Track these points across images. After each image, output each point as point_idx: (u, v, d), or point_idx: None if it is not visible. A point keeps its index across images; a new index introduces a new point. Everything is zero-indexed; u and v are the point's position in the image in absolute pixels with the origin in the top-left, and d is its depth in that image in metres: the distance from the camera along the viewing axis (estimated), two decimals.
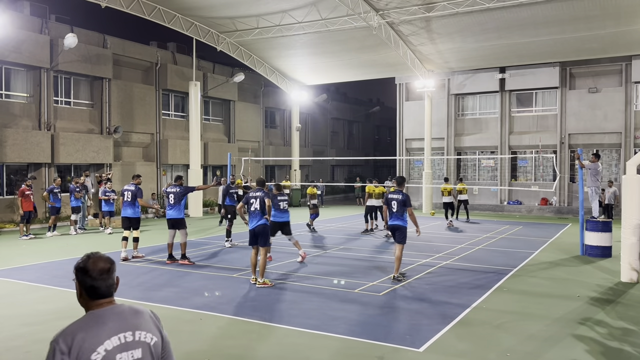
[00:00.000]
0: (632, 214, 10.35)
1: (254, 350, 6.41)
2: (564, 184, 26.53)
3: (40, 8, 21.95)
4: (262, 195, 9.75)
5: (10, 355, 6.21)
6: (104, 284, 2.49)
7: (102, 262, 2.52)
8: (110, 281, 2.51)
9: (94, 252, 2.61)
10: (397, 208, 10.23)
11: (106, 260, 2.55)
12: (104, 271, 2.49)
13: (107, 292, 2.50)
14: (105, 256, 2.58)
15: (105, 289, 2.49)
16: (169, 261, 11.95)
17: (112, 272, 2.54)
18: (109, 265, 2.54)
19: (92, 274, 2.48)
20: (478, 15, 20.59)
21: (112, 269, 2.54)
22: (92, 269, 2.49)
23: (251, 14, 22.54)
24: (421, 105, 28.56)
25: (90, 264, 2.51)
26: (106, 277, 2.49)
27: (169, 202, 12.16)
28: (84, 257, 2.56)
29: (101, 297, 2.49)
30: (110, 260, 2.58)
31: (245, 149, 30.00)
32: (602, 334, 7.01)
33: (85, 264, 2.51)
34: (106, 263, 2.54)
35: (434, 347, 6.47)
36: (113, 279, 2.54)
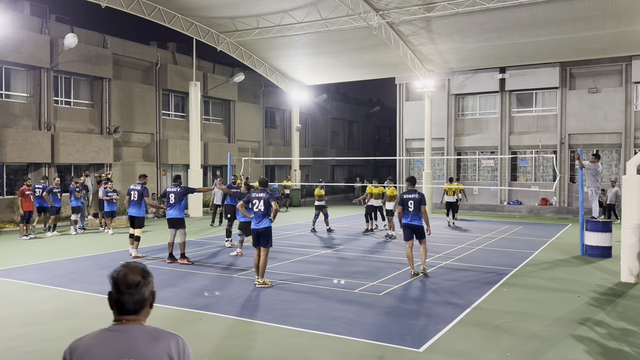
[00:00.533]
0: (632, 214, 10.35)
1: (254, 350, 6.41)
2: (564, 184, 26.54)
3: (40, 8, 21.95)
4: (266, 196, 9.70)
5: (10, 355, 6.21)
6: (130, 299, 2.26)
7: (132, 275, 2.28)
8: (137, 297, 2.27)
9: (130, 262, 2.37)
10: (414, 207, 10.60)
11: (138, 273, 2.30)
12: (131, 285, 2.26)
13: (132, 309, 2.27)
14: (140, 268, 2.33)
15: (130, 305, 2.27)
16: (169, 260, 11.96)
17: (142, 286, 2.28)
18: (139, 279, 2.28)
19: (119, 287, 2.27)
20: (478, 15, 20.60)
21: (142, 283, 2.28)
22: (120, 281, 2.27)
23: (251, 14, 22.55)
24: (421, 105, 28.57)
25: (120, 275, 2.29)
26: (134, 291, 2.26)
27: (168, 202, 12.17)
28: (119, 267, 2.34)
29: (126, 313, 2.28)
30: (145, 273, 2.32)
31: (245, 149, 30.00)
32: (602, 334, 7.01)
33: (117, 274, 2.30)
34: (136, 276, 2.28)
35: (434, 347, 6.47)
36: (143, 294, 2.28)
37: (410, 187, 10.86)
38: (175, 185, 12.38)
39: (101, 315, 7.76)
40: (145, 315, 2.32)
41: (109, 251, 13.73)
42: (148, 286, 2.30)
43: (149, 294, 2.31)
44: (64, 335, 6.87)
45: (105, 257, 12.87)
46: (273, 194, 10.14)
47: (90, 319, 7.53)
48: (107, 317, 8.33)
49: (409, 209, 10.62)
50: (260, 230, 9.67)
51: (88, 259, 12.60)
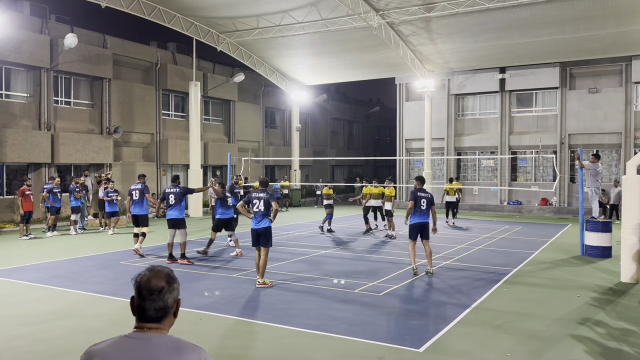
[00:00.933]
0: (632, 214, 10.35)
1: (254, 350, 6.41)
2: (564, 184, 26.54)
3: (40, 8, 21.95)
4: (266, 196, 9.71)
5: (10, 355, 6.21)
6: (152, 305, 2.11)
7: (155, 280, 2.14)
8: (160, 304, 2.12)
9: (156, 267, 2.21)
10: (426, 206, 10.83)
11: (162, 278, 2.15)
12: (154, 291, 2.12)
13: (153, 316, 2.12)
14: (165, 273, 2.18)
15: (152, 312, 2.12)
16: (169, 261, 11.94)
17: (166, 293, 2.13)
18: (163, 285, 2.14)
19: (141, 292, 2.13)
20: (478, 15, 20.60)
21: (166, 289, 2.14)
22: (143, 285, 2.13)
23: (251, 14, 22.55)
24: (421, 105, 28.57)
25: (144, 279, 2.15)
26: (156, 298, 2.11)
27: (168, 203, 12.17)
28: (144, 271, 2.20)
29: (147, 320, 2.13)
30: (170, 279, 2.17)
31: (245, 149, 30.01)
32: (602, 334, 7.01)
33: (141, 278, 2.16)
34: (160, 281, 2.14)
35: (434, 347, 6.47)
36: (166, 301, 2.13)
37: (420, 186, 11.01)
38: (174, 185, 12.37)
39: (101, 315, 7.76)
40: (168, 324, 2.18)
41: (109, 251, 13.73)
42: (172, 293, 2.16)
43: (172, 302, 2.17)
44: (63, 335, 6.87)
45: (105, 257, 12.86)
46: (273, 194, 10.18)
47: (90, 319, 7.53)
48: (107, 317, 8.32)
49: (421, 207, 10.79)
50: (260, 230, 9.67)
51: (88, 259, 12.60)
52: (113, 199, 17.34)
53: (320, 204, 30.50)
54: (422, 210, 10.81)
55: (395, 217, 17.46)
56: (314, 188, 32.62)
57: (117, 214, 17.78)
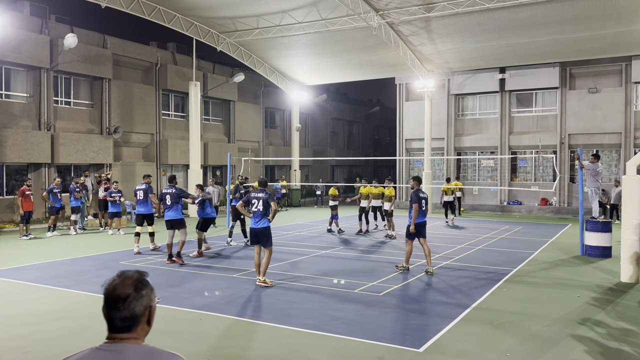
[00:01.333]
0: (632, 214, 10.36)
1: (254, 350, 6.41)
2: (564, 184, 26.54)
3: (40, 8, 21.95)
4: (265, 196, 9.77)
5: (10, 355, 6.21)
6: (117, 315, 1.96)
7: (121, 287, 1.98)
8: (125, 313, 1.96)
9: (126, 272, 2.05)
10: (425, 206, 10.99)
11: (129, 285, 1.99)
12: (119, 299, 1.96)
13: (120, 326, 1.97)
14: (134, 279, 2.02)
15: (118, 321, 1.96)
16: (169, 262, 11.92)
17: (132, 301, 1.97)
18: (129, 292, 1.97)
19: (106, 300, 1.98)
20: (478, 15, 20.60)
21: (132, 297, 1.97)
22: (108, 293, 1.98)
23: (251, 14, 22.55)
24: (421, 105, 28.57)
25: (110, 287, 1.99)
26: (121, 306, 1.96)
27: (165, 204, 12.12)
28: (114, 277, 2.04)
29: (115, 330, 1.98)
30: (138, 285, 2.00)
31: (245, 149, 30.01)
32: (602, 334, 7.01)
33: (107, 286, 2.01)
34: (126, 289, 1.98)
35: (434, 347, 6.47)
36: (132, 310, 1.97)
37: (419, 187, 11.10)
38: (170, 186, 12.31)
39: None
40: (142, 332, 2.02)
41: (109, 251, 13.73)
42: (140, 300, 1.99)
43: (142, 310, 1.99)
44: (63, 335, 6.87)
45: (105, 257, 12.87)
46: (273, 195, 10.29)
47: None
48: None
49: (421, 208, 10.90)
50: (258, 230, 9.73)
51: (88, 259, 12.60)
52: (116, 200, 17.29)
53: (320, 204, 30.57)
54: (422, 211, 10.92)
55: (395, 217, 17.46)
56: (314, 188, 32.63)
57: (120, 214, 17.75)
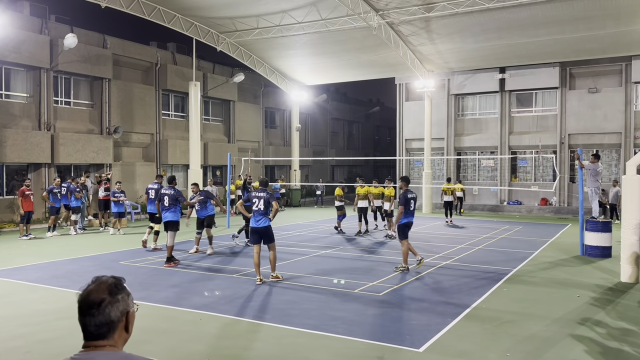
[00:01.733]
0: (632, 214, 10.35)
1: (254, 350, 6.41)
2: (564, 184, 26.53)
3: (40, 8, 21.95)
4: (266, 196, 9.90)
5: (10, 355, 6.21)
6: (92, 321, 1.89)
7: (95, 293, 1.92)
8: (100, 318, 1.89)
9: (101, 277, 1.99)
10: (414, 206, 11.13)
11: (103, 290, 1.93)
12: (92, 304, 1.89)
13: (94, 333, 1.90)
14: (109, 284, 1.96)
15: (92, 328, 1.90)
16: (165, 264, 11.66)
17: (107, 306, 1.90)
18: (103, 297, 1.91)
19: (81, 307, 1.92)
20: (478, 15, 20.60)
21: (107, 302, 1.91)
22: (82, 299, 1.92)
23: (251, 14, 22.55)
24: (421, 105, 28.56)
25: (83, 293, 1.93)
26: (95, 312, 1.89)
27: (163, 205, 11.91)
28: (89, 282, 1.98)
29: (89, 337, 1.92)
30: (113, 290, 1.94)
31: (245, 149, 30.01)
32: (602, 334, 7.01)
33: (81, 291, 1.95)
34: (100, 294, 1.91)
35: (434, 347, 6.47)
36: (107, 315, 1.90)
37: (407, 187, 11.16)
38: (170, 187, 12.10)
39: None
40: (120, 339, 1.95)
41: (109, 251, 13.73)
42: (115, 305, 1.91)
43: (118, 315, 1.92)
44: (63, 335, 6.87)
45: (105, 257, 12.87)
46: (273, 194, 10.36)
47: None
48: None
49: (410, 208, 11.05)
50: (260, 229, 9.88)
51: (88, 259, 12.60)
52: (119, 200, 17.31)
53: (320, 204, 30.58)
54: (410, 211, 11.09)
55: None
56: (314, 188, 32.62)
57: (124, 214, 17.78)
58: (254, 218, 9.90)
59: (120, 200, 17.26)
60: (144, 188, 24.54)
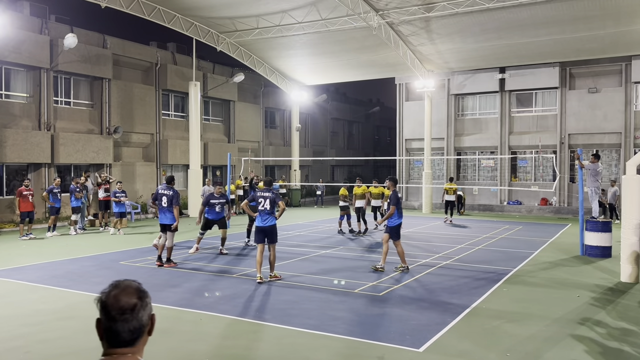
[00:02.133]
0: (632, 214, 10.35)
1: (254, 350, 6.41)
2: (564, 184, 26.53)
3: (40, 8, 21.95)
4: (272, 196, 10.08)
5: (10, 355, 6.21)
6: (125, 327, 1.83)
7: (125, 296, 1.86)
8: (134, 323, 1.84)
9: (123, 281, 1.93)
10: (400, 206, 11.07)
11: (132, 294, 1.87)
12: (125, 309, 1.83)
13: (127, 339, 1.84)
14: (135, 287, 1.91)
15: (126, 334, 1.83)
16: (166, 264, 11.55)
17: (139, 310, 1.86)
18: (135, 301, 1.85)
19: (110, 312, 1.83)
20: (478, 15, 20.60)
21: (139, 306, 1.86)
22: (111, 304, 1.84)
23: (251, 14, 22.55)
24: (421, 105, 28.57)
25: (110, 297, 1.86)
26: (129, 317, 1.83)
27: (161, 205, 11.57)
28: (108, 287, 1.91)
29: (119, 345, 1.84)
30: (141, 293, 1.90)
31: (245, 149, 30.00)
32: (602, 334, 7.01)
33: (106, 296, 1.87)
34: (131, 297, 1.86)
35: (434, 347, 6.47)
36: (140, 320, 1.86)
37: (395, 187, 11.12)
38: (168, 187, 11.66)
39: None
40: (142, 344, 1.91)
41: (109, 251, 13.73)
42: (146, 309, 1.89)
43: (147, 319, 1.89)
44: (63, 335, 6.87)
45: (105, 257, 12.87)
46: (279, 194, 10.51)
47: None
48: None
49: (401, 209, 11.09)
50: (266, 228, 10.06)
51: (88, 259, 12.60)
52: (120, 200, 17.33)
53: (320, 204, 30.59)
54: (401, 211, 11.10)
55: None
56: (314, 188, 32.63)
57: (125, 214, 17.83)
58: (261, 217, 10.05)
59: (121, 200, 17.30)
60: (144, 188, 24.59)
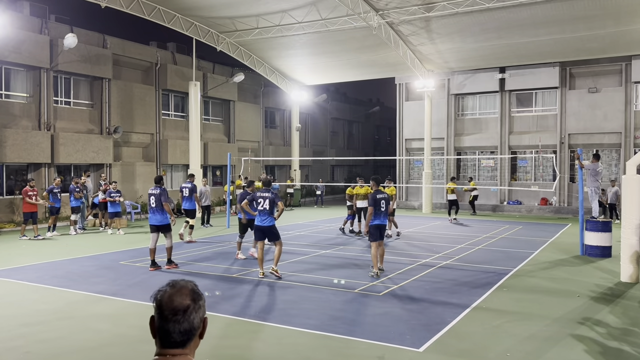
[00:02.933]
0: (632, 214, 10.35)
1: (254, 350, 6.41)
2: (564, 184, 26.53)
3: (40, 8, 21.95)
4: (271, 196, 10.23)
5: (10, 355, 6.21)
6: (176, 328, 1.82)
7: (179, 297, 1.85)
8: (185, 325, 1.83)
9: (178, 281, 1.92)
10: (385, 207, 10.68)
11: (187, 295, 1.87)
12: (178, 310, 1.83)
13: (178, 340, 1.83)
14: (190, 289, 1.90)
15: (177, 335, 1.82)
16: (152, 268, 11.05)
17: (192, 312, 1.85)
18: (188, 302, 1.85)
19: (163, 312, 1.84)
20: (478, 15, 20.60)
21: (192, 308, 1.85)
22: (165, 304, 1.84)
23: (251, 14, 22.55)
24: (421, 105, 28.57)
25: (165, 297, 1.86)
26: (181, 319, 1.83)
27: (150, 205, 11.12)
28: (165, 286, 1.91)
29: (170, 345, 1.83)
30: (195, 295, 1.89)
31: (245, 149, 30.00)
32: (602, 334, 7.01)
33: (161, 296, 1.86)
34: (185, 299, 1.85)
35: (434, 347, 6.47)
36: (192, 322, 1.85)
37: (376, 187, 10.82)
38: (156, 187, 11.19)
39: (101, 315, 7.75)
40: (194, 347, 1.89)
41: (109, 251, 13.73)
42: (199, 312, 1.88)
43: (199, 322, 1.88)
44: (63, 335, 6.87)
45: (105, 257, 12.87)
46: (278, 194, 10.64)
47: (90, 320, 7.53)
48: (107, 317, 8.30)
49: (381, 209, 10.52)
50: (265, 227, 10.27)
51: (88, 259, 12.60)
52: (116, 200, 17.36)
53: (320, 204, 30.60)
54: (381, 212, 10.53)
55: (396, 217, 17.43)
56: (314, 188, 32.63)
57: (120, 214, 17.84)
58: (260, 217, 10.26)
59: (116, 200, 17.35)
60: (144, 188, 24.58)
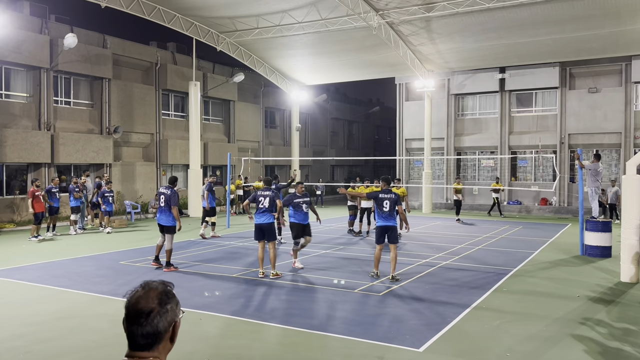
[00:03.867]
0: (632, 214, 10.35)
1: (254, 350, 6.41)
2: (564, 184, 26.52)
3: (40, 8, 21.95)
4: (272, 195, 10.41)
5: (10, 355, 6.21)
6: (139, 331, 1.79)
7: (144, 301, 1.81)
8: (147, 329, 1.79)
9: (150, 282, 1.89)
10: (389, 208, 10.16)
11: (153, 298, 1.82)
12: (141, 314, 1.79)
13: (141, 343, 1.79)
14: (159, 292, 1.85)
15: (140, 338, 1.79)
16: (154, 263, 11.33)
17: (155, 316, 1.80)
18: (153, 306, 1.80)
19: (129, 314, 1.81)
20: (478, 15, 20.59)
21: (155, 312, 1.80)
22: (131, 307, 1.81)
23: (251, 14, 22.54)
24: (421, 105, 28.57)
25: (132, 299, 1.83)
26: (143, 322, 1.79)
27: (160, 205, 11.12)
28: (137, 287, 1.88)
29: (136, 348, 1.81)
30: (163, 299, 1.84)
31: (245, 149, 30.01)
32: (602, 334, 7.01)
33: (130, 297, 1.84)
34: (150, 302, 1.81)
35: (434, 347, 6.47)
36: (155, 326, 1.80)
37: (386, 187, 10.44)
38: (168, 187, 11.25)
39: (101, 315, 7.75)
40: (164, 350, 1.85)
41: (109, 251, 13.73)
42: (164, 316, 1.82)
43: (165, 326, 1.82)
44: (63, 335, 6.87)
45: (105, 257, 12.86)
46: (278, 193, 10.76)
47: (90, 319, 7.54)
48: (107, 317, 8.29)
49: (383, 209, 10.16)
50: (264, 225, 10.40)
51: (88, 259, 12.60)
52: (109, 199, 17.81)
53: (320, 204, 30.59)
54: (385, 212, 10.17)
55: None
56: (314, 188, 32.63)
57: (112, 213, 18.12)
58: (260, 215, 10.43)
59: (109, 199, 17.81)
60: (144, 188, 24.60)
